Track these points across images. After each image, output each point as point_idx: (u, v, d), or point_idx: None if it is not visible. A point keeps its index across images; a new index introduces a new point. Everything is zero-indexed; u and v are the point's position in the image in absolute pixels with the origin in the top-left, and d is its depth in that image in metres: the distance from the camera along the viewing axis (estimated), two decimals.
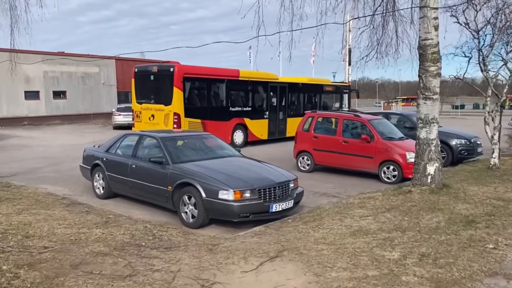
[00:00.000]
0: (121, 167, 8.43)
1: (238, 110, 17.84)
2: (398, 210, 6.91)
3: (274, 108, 19.59)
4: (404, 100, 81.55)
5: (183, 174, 7.21)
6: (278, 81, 19.84)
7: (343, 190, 10.08)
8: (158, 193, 7.60)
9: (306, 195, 9.30)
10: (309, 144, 12.39)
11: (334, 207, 7.66)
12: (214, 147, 8.76)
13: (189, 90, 16.01)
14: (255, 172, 7.47)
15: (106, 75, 33.22)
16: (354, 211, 7.12)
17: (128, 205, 8.50)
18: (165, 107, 15.59)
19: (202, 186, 6.86)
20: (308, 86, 21.47)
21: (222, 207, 6.65)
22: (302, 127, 12.74)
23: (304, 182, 10.95)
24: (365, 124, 11.60)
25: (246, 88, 18.33)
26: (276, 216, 7.05)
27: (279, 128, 20.01)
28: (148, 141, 8.29)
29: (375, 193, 8.64)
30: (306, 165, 12.46)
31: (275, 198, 7.00)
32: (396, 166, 10.92)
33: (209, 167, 7.43)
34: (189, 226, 7.03)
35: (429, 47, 7.78)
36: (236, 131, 17.73)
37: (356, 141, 11.57)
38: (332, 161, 11.99)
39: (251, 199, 6.74)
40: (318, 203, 8.60)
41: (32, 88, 28.87)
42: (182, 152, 8.07)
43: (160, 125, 15.80)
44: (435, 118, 7.99)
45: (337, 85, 23.85)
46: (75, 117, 30.91)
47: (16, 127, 27.05)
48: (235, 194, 6.62)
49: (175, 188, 7.25)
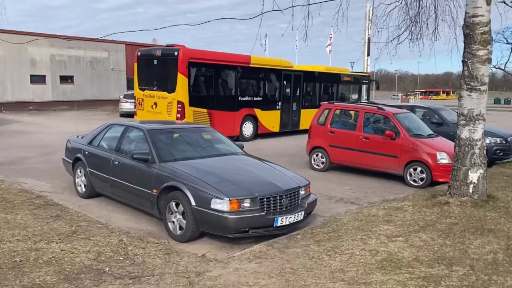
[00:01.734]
0: (102, 163, 7.19)
1: (248, 99, 16.46)
2: (436, 230, 5.51)
3: (288, 99, 18.16)
4: (422, 93, 79.39)
5: (171, 175, 5.91)
6: (292, 69, 18.38)
7: (362, 195, 8.70)
8: (142, 196, 6.33)
9: (320, 200, 7.95)
10: (324, 140, 10.99)
11: (354, 219, 6.30)
12: (213, 142, 7.44)
13: (194, 77, 14.67)
14: (258, 175, 6.12)
15: (115, 60, 32.09)
16: (379, 228, 5.75)
17: (112, 207, 7.27)
18: (168, 94, 14.30)
19: (191, 191, 5.56)
20: (325, 75, 19.95)
21: (214, 219, 5.34)
22: (317, 120, 11.33)
23: (318, 183, 9.61)
24: (389, 118, 10.15)
25: (258, 76, 16.92)
26: (282, 231, 5.72)
27: (292, 120, 18.60)
28: (134, 134, 7.00)
29: (403, 202, 7.24)
30: (321, 163, 11.08)
31: (281, 209, 5.66)
32: (425, 167, 9.48)
33: (202, 168, 6.12)
34: (176, 239, 5.75)
35: (478, 25, 6.28)
36: (245, 123, 16.38)
37: (379, 138, 10.14)
38: (350, 159, 10.58)
39: (251, 210, 5.42)
40: (334, 212, 7.25)
41: (38, 72, 27.87)
42: (172, 148, 6.76)
43: (163, 114, 14.54)
44: (482, 114, 6.52)
45: (356, 75, 22.27)
46: (82, 103, 29.87)
47: (21, 112, 26.13)
48: (231, 204, 5.31)
49: (161, 192, 5.97)
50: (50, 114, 26.46)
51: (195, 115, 14.45)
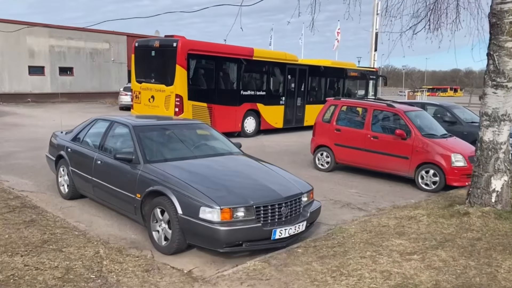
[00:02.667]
0: (85, 161, 6.53)
1: (250, 94, 15.75)
2: (456, 246, 4.82)
3: (292, 93, 17.44)
4: (429, 90, 78.33)
5: (156, 178, 5.24)
6: (297, 63, 17.63)
7: (370, 199, 8.01)
8: (125, 200, 5.67)
9: (325, 205, 7.28)
10: (329, 138, 10.29)
11: (362, 230, 5.61)
12: (207, 141, 6.75)
13: (194, 69, 13.97)
14: (254, 179, 5.43)
15: (116, 52, 31.39)
16: (391, 242, 5.06)
17: (95, 210, 6.62)
18: (166, 87, 13.62)
19: (178, 198, 4.89)
20: (331, 70, 19.18)
21: (203, 230, 4.67)
22: (322, 117, 10.62)
23: (322, 184, 8.93)
24: (400, 116, 9.42)
25: (261, 70, 16.20)
26: (280, 244, 5.05)
27: (297, 116, 17.88)
28: (119, 130, 6.32)
29: (416, 210, 6.54)
30: (325, 162, 10.38)
31: (280, 220, 4.98)
32: (438, 170, 8.77)
33: (193, 170, 5.44)
34: (161, 251, 5.09)
35: (507, 13, 5.53)
36: (248, 118, 15.68)
37: (388, 137, 9.42)
38: (357, 159, 9.88)
39: (246, 221, 4.74)
40: (340, 220, 6.57)
41: (36, 63, 27.23)
42: (161, 148, 6.08)
43: (160, 108, 13.87)
44: (508, 114, 5.78)
45: (363, 70, 21.50)
46: (82, 95, 29.25)
47: (18, 104, 25.52)
48: (223, 214, 4.63)
49: (145, 197, 5.31)
50: (48, 106, 25.85)
51: (194, 110, 13.77)
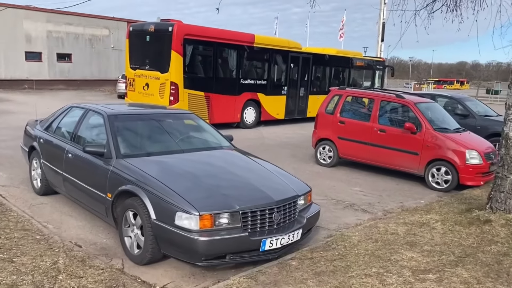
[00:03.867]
0: (56, 154, 5.81)
1: (250, 83, 14.96)
2: (479, 263, 4.07)
3: (294, 83, 16.63)
4: (435, 82, 77.08)
5: (129, 176, 4.51)
6: (300, 51, 16.79)
7: (376, 199, 7.26)
8: (96, 200, 4.95)
9: (325, 206, 6.56)
10: (333, 131, 9.52)
11: (367, 238, 4.87)
12: (194, 133, 6.00)
13: (190, 56, 13.17)
14: (243, 179, 4.68)
15: (116, 38, 30.55)
16: (401, 255, 4.32)
17: (68, 208, 5.91)
18: (161, 74, 12.86)
19: (151, 200, 4.16)
20: (336, 59, 18.33)
21: (179, 240, 3.95)
22: (326, 108, 9.84)
23: (323, 181, 8.19)
24: (410, 108, 8.63)
25: (262, 57, 15.37)
26: (271, 256, 4.31)
27: (299, 106, 17.08)
28: (94, 119, 5.58)
29: (428, 214, 5.79)
30: (328, 157, 9.62)
31: (272, 227, 4.24)
32: (450, 168, 8.00)
33: (171, 167, 4.71)
34: (133, 260, 4.38)
35: None
36: (247, 108, 14.90)
37: (397, 131, 8.65)
38: (362, 155, 9.11)
39: (230, 229, 4.01)
40: (342, 223, 5.83)
41: (33, 49, 26.46)
42: (138, 140, 5.34)
43: (155, 96, 13.12)
44: None
45: (369, 59, 20.61)
46: (80, 82, 28.52)
47: (14, 91, 24.83)
48: (202, 221, 3.90)
49: (116, 197, 4.58)
50: (45, 93, 25.15)
51: (190, 99, 13.01)
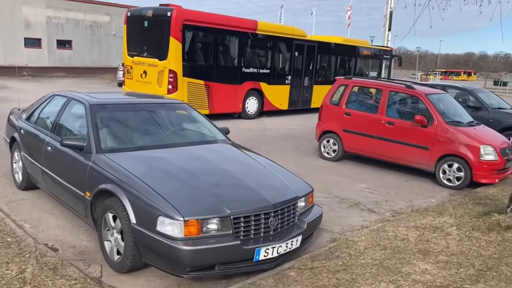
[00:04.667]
0: (36, 146, 5.34)
1: (253, 71, 14.39)
2: (504, 278, 3.58)
3: (299, 72, 16.04)
4: (442, 73, 76.01)
5: (108, 173, 4.02)
6: (305, 39, 16.18)
7: (383, 198, 6.76)
8: (75, 198, 4.48)
9: (329, 204, 6.08)
10: (338, 123, 8.99)
11: (375, 244, 4.38)
12: (186, 125, 5.49)
13: (190, 42, 12.62)
14: (237, 179, 4.17)
15: (118, 25, 29.83)
16: (412, 267, 3.82)
17: (50, 205, 5.45)
18: (159, 62, 12.33)
19: (132, 202, 3.68)
20: (342, 47, 17.70)
21: (161, 248, 3.47)
22: (330, 99, 9.30)
23: (327, 177, 7.70)
24: (421, 99, 8.08)
25: (265, 45, 14.79)
26: (267, 266, 3.83)
27: (303, 96, 16.52)
28: (75, 109, 5.08)
29: (441, 217, 5.29)
30: (332, 151, 9.10)
31: (267, 234, 3.75)
32: (463, 164, 7.48)
33: (157, 165, 4.21)
34: (113, 268, 3.91)
35: None
36: (249, 98, 14.36)
37: (406, 124, 8.11)
38: (368, 148, 8.59)
39: (220, 237, 3.52)
40: (346, 225, 5.34)
41: (33, 35, 25.93)
42: (123, 133, 4.83)
43: (153, 84, 12.61)
44: None
45: (376, 48, 19.96)
46: (81, 70, 28.01)
47: (13, 78, 24.35)
48: (187, 227, 3.41)
49: (94, 196, 4.11)
50: (44, 80, 24.69)
51: (189, 87, 12.49)
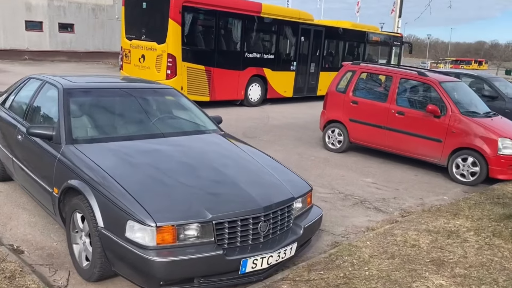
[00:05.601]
0: (8, 134, 4.84)
1: (256, 57, 13.77)
2: None
3: (305, 58, 15.39)
4: (452, 62, 74.65)
5: (76, 168, 3.51)
6: (312, 23, 15.49)
7: (391, 194, 6.21)
8: (45, 193, 3.97)
9: (331, 201, 5.56)
10: (344, 112, 8.41)
11: (381, 251, 3.85)
12: (172, 112, 4.95)
13: (190, 25, 12.01)
14: (224, 176, 3.60)
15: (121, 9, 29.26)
16: (426, 281, 3.29)
17: (25, 199, 4.97)
18: (158, 45, 11.76)
19: (99, 202, 3.17)
20: (351, 33, 16.98)
21: (130, 258, 2.96)
22: (337, 86, 8.69)
23: (331, 170, 7.15)
24: (434, 87, 7.46)
25: (270, 29, 14.14)
26: (255, 278, 3.31)
27: (309, 84, 15.89)
28: (49, 94, 4.54)
29: (456, 219, 4.74)
30: (337, 141, 8.53)
31: (256, 242, 3.22)
32: (479, 158, 6.89)
33: (133, 159, 3.66)
34: (81, 275, 3.42)
35: None
36: (252, 85, 13.76)
37: (418, 114, 7.52)
38: (376, 140, 8.02)
39: (199, 246, 2.99)
40: (350, 226, 4.81)
41: (34, 18, 25.38)
42: (97, 121, 4.28)
43: (151, 69, 12.07)
44: None
45: (386, 34, 19.21)
46: (83, 54, 27.48)
47: (14, 61, 23.92)
48: (160, 234, 2.89)
49: (62, 193, 3.60)
50: (45, 65, 24.20)
51: (189, 73, 11.93)
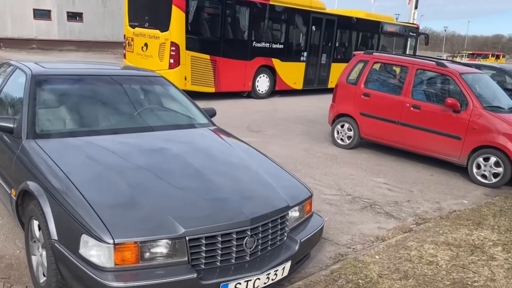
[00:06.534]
0: None
1: (264, 46, 13.16)
2: None
3: (316, 48, 14.73)
4: (469, 56, 72.87)
5: (34, 168, 3.00)
6: (324, 12, 14.80)
7: (404, 196, 5.62)
8: (5, 192, 3.48)
9: (338, 204, 5.00)
10: (354, 105, 7.79)
11: (392, 270, 3.28)
12: (158, 103, 4.41)
13: (195, 12, 11.44)
14: (206, 181, 3.01)
15: None
16: None
17: None
18: (161, 33, 11.25)
19: (54, 210, 2.64)
20: (365, 23, 16.24)
21: (84, 279, 2.44)
22: (347, 77, 8.07)
23: (339, 168, 6.56)
24: (454, 79, 6.81)
25: (279, 17, 13.49)
26: None
27: (320, 75, 15.24)
28: (19, 80, 4.03)
29: (479, 229, 4.14)
30: (347, 137, 7.93)
31: (241, 261, 2.67)
32: (503, 157, 6.25)
33: (100, 158, 3.14)
34: None
35: None
36: (260, 76, 13.17)
37: (435, 108, 6.88)
38: (389, 136, 7.40)
39: (169, 266, 2.45)
40: (356, 234, 4.24)
41: (42, 6, 25.06)
42: (67, 113, 3.74)
43: (154, 58, 11.57)
44: None
45: (402, 25, 18.40)
46: (92, 44, 27.12)
47: (21, 51, 23.66)
48: (119, 253, 2.35)
49: (19, 196, 3.10)
50: (53, 54, 23.89)
51: (193, 62, 11.39)
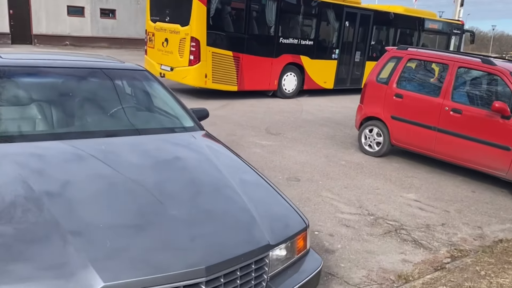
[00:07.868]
0: None
1: (292, 43, 12.32)
2: None
3: (349, 46, 13.74)
4: None
5: None
6: (359, 6, 13.78)
7: (439, 219, 4.68)
8: None
9: (356, 226, 4.15)
10: (385, 107, 6.85)
11: None
12: (135, 102, 3.70)
13: (217, 6, 10.75)
14: (155, 213, 2.22)
15: None
16: None
17: None
18: (181, 28, 10.64)
19: None
20: (404, 19, 15.05)
21: None
22: (377, 76, 7.12)
23: (362, 180, 5.64)
24: (504, 79, 5.76)
25: (309, 11, 12.59)
26: None
27: (353, 74, 14.22)
28: None
29: None
30: (375, 143, 7.00)
31: None
32: None
33: (25, 172, 2.45)
34: None
35: None
36: (287, 74, 12.34)
37: (479, 112, 5.85)
38: (424, 144, 6.42)
39: None
40: (374, 269, 3.38)
41: (76, 3, 25.13)
42: (14, 112, 3.09)
43: (174, 54, 10.98)
44: None
45: (445, 21, 17.05)
46: (124, 41, 27.04)
47: (54, 47, 23.81)
48: None
49: None
50: (86, 51, 23.94)
51: (214, 59, 10.72)
